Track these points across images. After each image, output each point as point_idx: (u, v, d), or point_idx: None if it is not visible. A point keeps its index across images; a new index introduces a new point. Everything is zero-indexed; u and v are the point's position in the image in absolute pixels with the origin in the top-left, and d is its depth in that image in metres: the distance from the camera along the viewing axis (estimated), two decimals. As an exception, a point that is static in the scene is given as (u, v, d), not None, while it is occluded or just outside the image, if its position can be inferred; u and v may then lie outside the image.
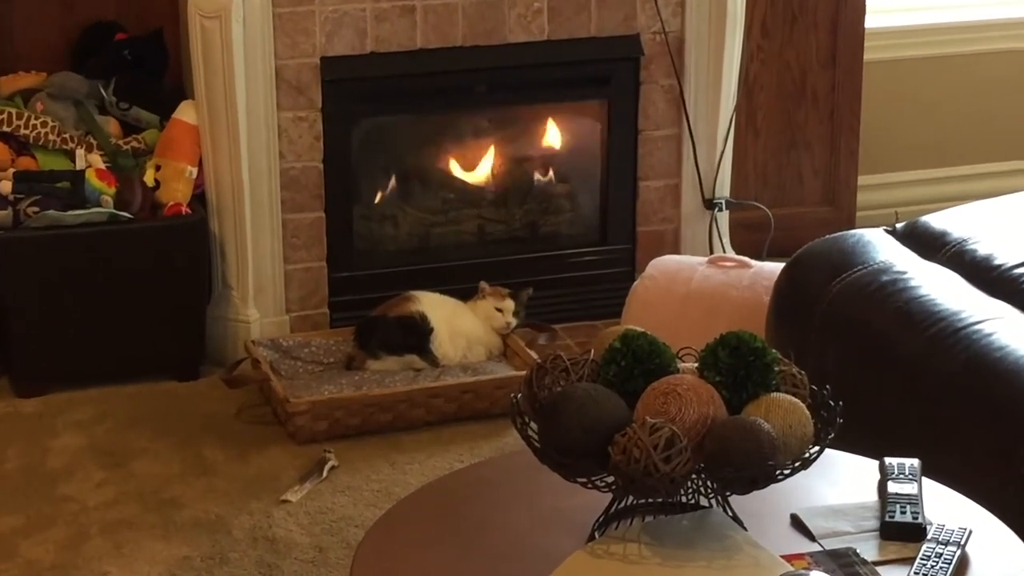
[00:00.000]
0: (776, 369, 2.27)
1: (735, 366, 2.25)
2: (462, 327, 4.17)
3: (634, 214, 4.59)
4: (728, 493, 2.22)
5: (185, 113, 4.15)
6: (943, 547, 2.20)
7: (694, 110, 4.50)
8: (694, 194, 4.59)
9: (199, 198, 4.17)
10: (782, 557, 2.19)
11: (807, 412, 2.23)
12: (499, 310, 4.19)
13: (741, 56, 4.53)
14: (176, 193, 4.11)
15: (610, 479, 2.18)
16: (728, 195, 4.63)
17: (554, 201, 4.63)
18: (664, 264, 4.11)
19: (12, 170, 4.04)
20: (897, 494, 2.32)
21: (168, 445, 3.79)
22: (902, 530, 2.25)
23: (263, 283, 4.25)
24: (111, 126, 4.25)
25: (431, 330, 4.10)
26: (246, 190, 4.13)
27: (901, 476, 2.37)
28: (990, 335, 2.80)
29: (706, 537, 2.20)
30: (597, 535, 2.24)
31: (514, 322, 4.21)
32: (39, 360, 4.03)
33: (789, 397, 2.24)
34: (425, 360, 4.09)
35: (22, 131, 4.11)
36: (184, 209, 4.09)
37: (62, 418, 3.92)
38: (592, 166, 4.59)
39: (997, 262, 3.09)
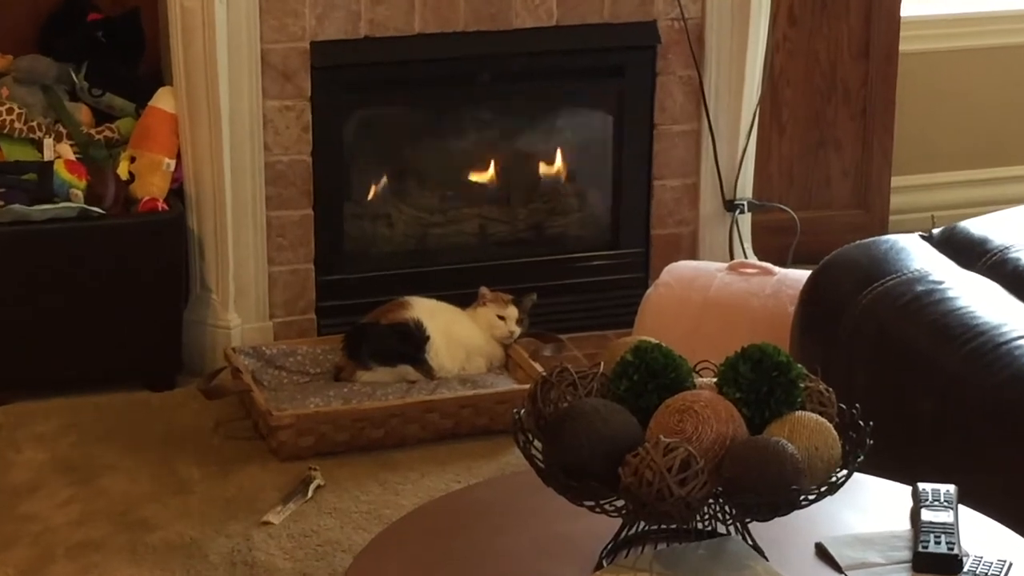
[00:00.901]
0: (801, 386, 2.27)
1: (757, 382, 2.25)
2: (461, 336, 4.17)
3: (648, 215, 4.59)
4: (748, 519, 2.22)
5: (163, 101, 4.15)
6: (981, 581, 2.20)
7: (715, 104, 4.50)
8: (713, 195, 4.59)
9: (177, 193, 4.17)
10: (806, 590, 2.19)
11: (834, 433, 2.23)
12: (501, 318, 4.19)
13: (766, 46, 4.54)
14: (152, 187, 4.11)
15: (620, 503, 2.18)
16: (750, 196, 4.63)
17: (562, 200, 4.63)
18: (680, 270, 4.11)
19: (-26, 160, 4.05)
20: (931, 522, 2.31)
21: (140, 461, 3.79)
22: (936, 562, 2.25)
23: (245, 286, 4.25)
24: (82, 114, 4.25)
25: (427, 339, 4.10)
26: (227, 185, 4.13)
27: (936, 503, 2.36)
28: (1034, 351, 2.80)
29: (724, 567, 2.20)
30: (605, 563, 2.24)
31: (517, 331, 4.21)
32: (0, 367, 4.02)
33: (815, 416, 2.24)
34: (420, 371, 4.09)
35: (-14, 118, 4.12)
36: (160, 205, 4.09)
37: (24, 430, 3.91)
38: (603, 163, 4.59)
39: (1042, 272, 3.09)
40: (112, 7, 4.37)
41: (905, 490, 2.45)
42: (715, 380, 2.30)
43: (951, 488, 2.40)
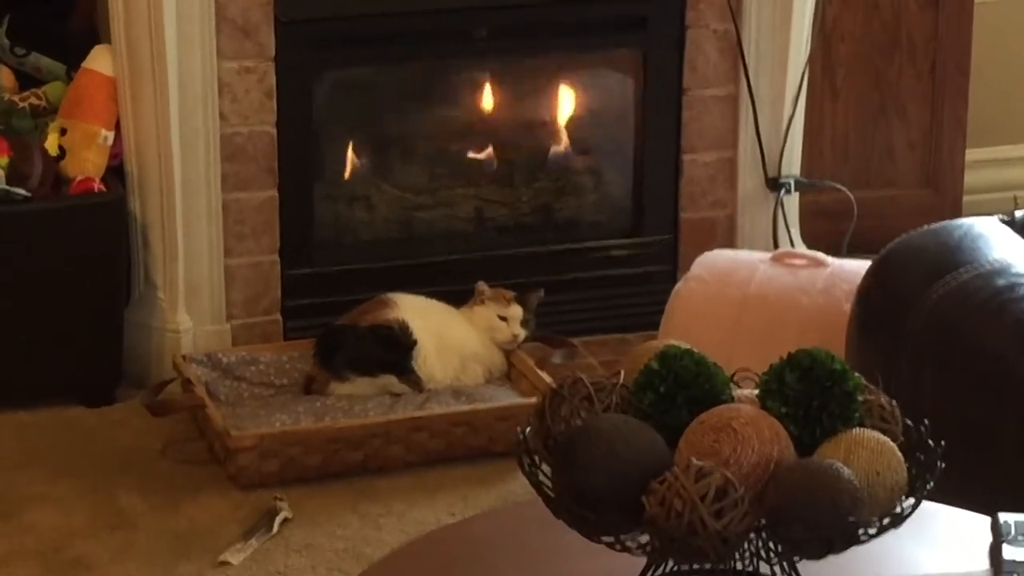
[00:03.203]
0: (859, 398, 2.28)
1: (806, 394, 2.25)
2: (454, 340, 4.18)
3: (676, 197, 4.60)
4: (797, 558, 2.22)
5: (99, 62, 4.16)
6: (1073, 630, 2.21)
7: (755, 63, 4.51)
8: (754, 171, 4.60)
9: (116, 171, 4.18)
10: (865, 641, 2.20)
11: (899, 454, 2.23)
12: (502, 319, 4.20)
13: (817, -6, 4.55)
14: (86, 164, 4.12)
15: (644, 538, 2.18)
16: (798, 173, 4.64)
17: (573, 178, 4.64)
18: (715, 261, 4.11)
19: None
20: (1015, 561, 2.32)
21: (74, 489, 3.79)
22: (1021, 607, 2.26)
23: (197, 282, 4.25)
24: (4, 77, 4.26)
25: (414, 344, 4.11)
26: (176, 162, 4.14)
27: (1020, 537, 2.37)
28: None
29: (767, 614, 2.21)
30: (627, 611, 2.25)
31: (521, 334, 4.22)
32: (-92, 379, 4.05)
33: (876, 435, 2.24)
34: (406, 382, 4.10)
35: None
36: (96, 185, 4.10)
37: (-63, 454, 3.93)
38: (623, 134, 4.59)
39: None
40: (38, -50, 4.39)
41: (984, 522, 2.46)
42: (757, 392, 2.31)
43: (1038, 520, 2.41)
